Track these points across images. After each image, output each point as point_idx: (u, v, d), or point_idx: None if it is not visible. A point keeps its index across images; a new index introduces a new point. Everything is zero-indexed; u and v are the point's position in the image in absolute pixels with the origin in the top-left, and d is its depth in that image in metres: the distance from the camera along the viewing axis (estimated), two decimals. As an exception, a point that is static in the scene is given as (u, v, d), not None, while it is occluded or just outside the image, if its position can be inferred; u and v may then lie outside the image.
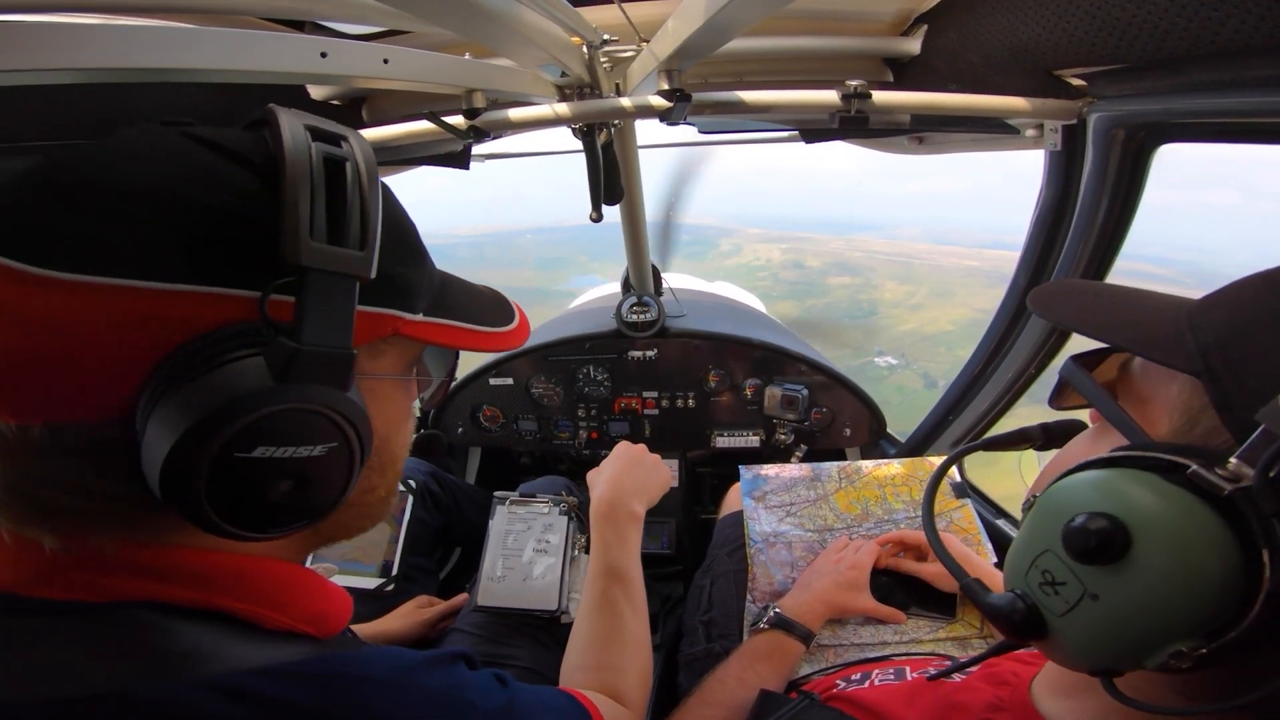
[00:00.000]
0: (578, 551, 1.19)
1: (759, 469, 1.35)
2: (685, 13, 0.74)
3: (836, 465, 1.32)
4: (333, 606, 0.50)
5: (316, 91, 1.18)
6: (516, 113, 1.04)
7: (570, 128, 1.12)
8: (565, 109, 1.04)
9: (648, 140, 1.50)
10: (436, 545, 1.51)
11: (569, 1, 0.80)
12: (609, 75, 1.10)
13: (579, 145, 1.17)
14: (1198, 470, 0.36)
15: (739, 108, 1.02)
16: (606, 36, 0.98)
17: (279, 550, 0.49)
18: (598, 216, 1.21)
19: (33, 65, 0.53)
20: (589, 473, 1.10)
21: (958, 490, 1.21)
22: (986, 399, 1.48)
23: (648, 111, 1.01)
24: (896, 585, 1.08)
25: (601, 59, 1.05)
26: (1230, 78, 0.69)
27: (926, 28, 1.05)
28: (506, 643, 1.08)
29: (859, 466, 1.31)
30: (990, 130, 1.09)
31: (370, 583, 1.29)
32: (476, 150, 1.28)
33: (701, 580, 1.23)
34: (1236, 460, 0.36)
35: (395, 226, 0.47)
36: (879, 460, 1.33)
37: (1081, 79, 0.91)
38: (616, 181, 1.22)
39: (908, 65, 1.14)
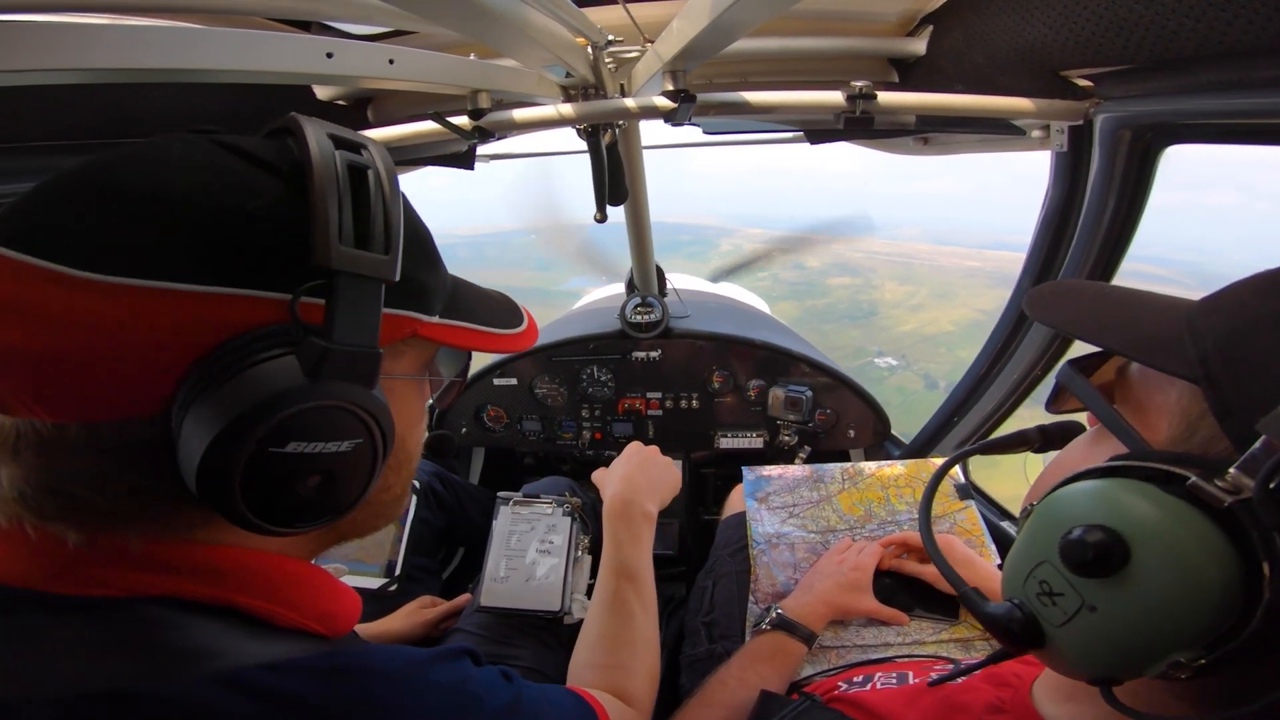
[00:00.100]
0: (581, 552, 1.19)
1: (762, 470, 1.34)
2: (690, 13, 0.75)
3: (839, 466, 1.32)
4: (342, 606, 0.50)
5: (322, 92, 1.19)
6: (521, 113, 1.05)
7: (575, 128, 1.12)
8: (570, 110, 1.05)
9: (652, 141, 1.50)
10: (440, 545, 1.51)
11: (574, 2, 0.80)
12: (614, 76, 1.10)
13: (584, 146, 1.17)
14: (1197, 482, 0.36)
15: (744, 108, 1.01)
16: (611, 37, 0.98)
17: (293, 548, 0.50)
18: (602, 217, 1.21)
19: (42, 65, 0.53)
20: (596, 472, 1.09)
21: (961, 492, 1.20)
22: (991, 401, 1.47)
23: (652, 112, 1.01)
24: (899, 587, 1.08)
25: (606, 60, 1.05)
26: (1238, 78, 0.68)
27: (932, 28, 1.05)
28: (509, 643, 1.08)
29: (862, 468, 1.31)
30: (996, 131, 1.09)
31: (373, 583, 1.29)
32: (481, 151, 1.29)
33: (704, 581, 1.23)
34: (1236, 471, 0.35)
35: (412, 232, 0.48)
36: (882, 461, 1.33)
37: (1088, 80, 0.90)
38: (621, 182, 1.23)
39: (913, 66, 1.14)
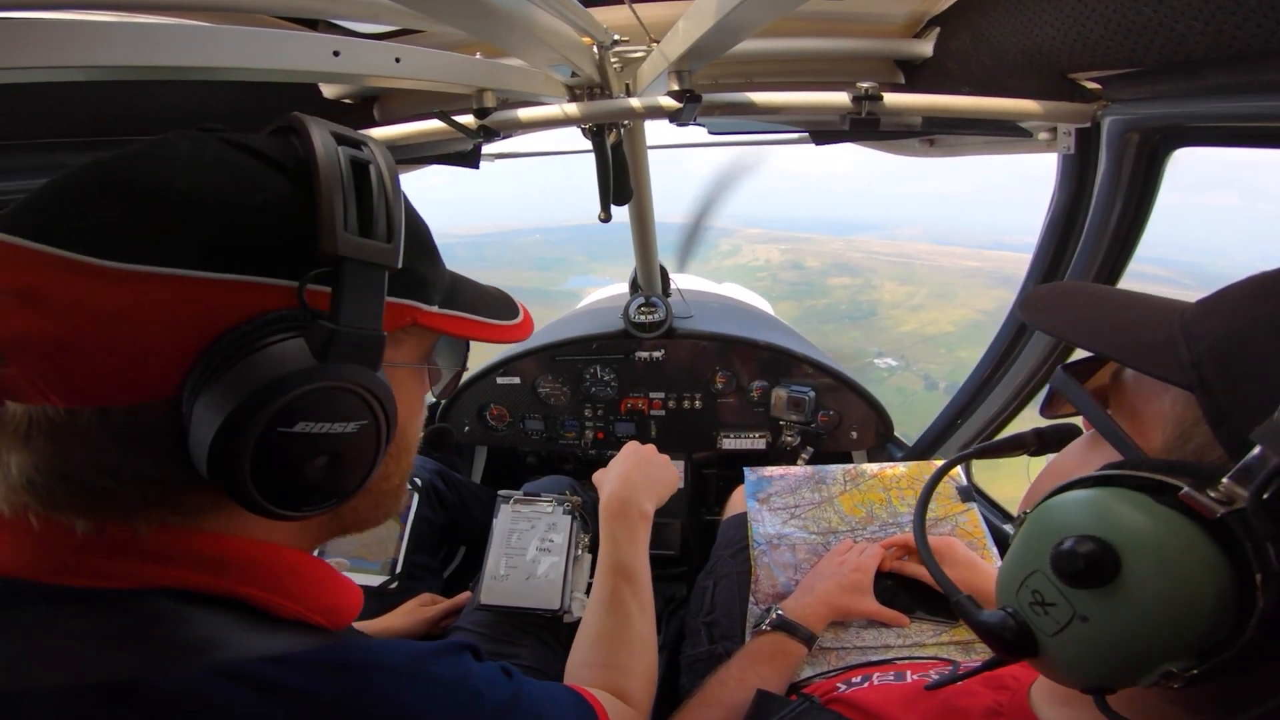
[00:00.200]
0: (581, 551, 1.19)
1: (763, 471, 1.34)
2: (696, 14, 0.74)
3: (841, 468, 1.31)
4: (344, 599, 0.51)
5: (329, 90, 1.19)
6: (526, 112, 1.05)
7: (580, 128, 1.12)
8: (575, 109, 1.05)
9: (657, 141, 1.50)
10: (441, 544, 1.51)
11: (580, 2, 0.80)
12: (619, 76, 1.10)
13: (588, 145, 1.17)
14: (1189, 492, 0.36)
15: (749, 109, 1.01)
16: (617, 37, 0.98)
17: (295, 539, 0.50)
18: (606, 217, 1.21)
19: (52, 63, 0.54)
20: (596, 473, 1.10)
21: (963, 494, 1.20)
22: (995, 403, 1.47)
23: (657, 112, 1.01)
24: (900, 588, 1.08)
25: (612, 59, 1.05)
26: (1247, 81, 0.68)
27: (939, 30, 1.05)
28: (509, 641, 1.08)
29: (864, 469, 1.31)
30: (1003, 133, 1.08)
31: (374, 580, 1.30)
32: (486, 150, 1.29)
33: (705, 581, 1.23)
34: (1229, 481, 0.35)
35: (412, 226, 0.49)
36: (884, 463, 1.33)
37: (1096, 82, 0.90)
38: (625, 182, 1.23)
39: (920, 67, 1.13)
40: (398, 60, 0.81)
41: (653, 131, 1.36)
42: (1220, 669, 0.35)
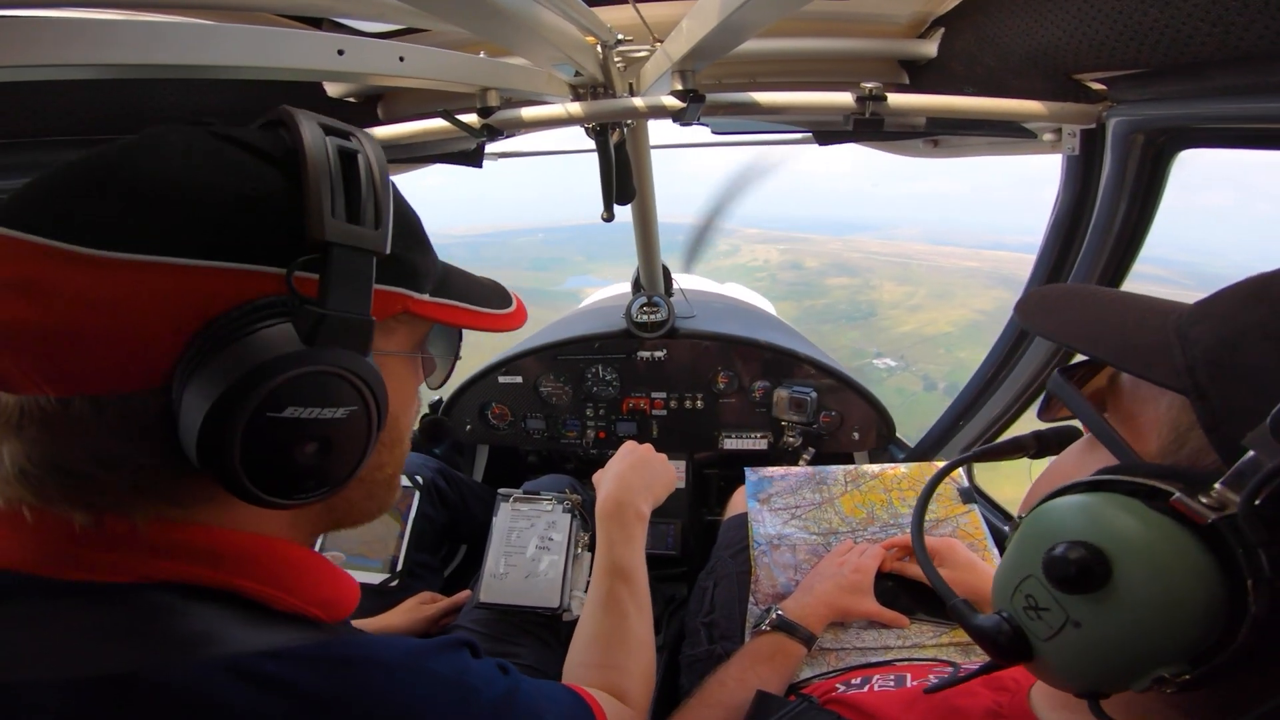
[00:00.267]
0: (581, 549, 1.19)
1: (764, 471, 1.34)
2: (699, 13, 0.74)
3: (842, 469, 1.31)
4: (341, 592, 0.51)
5: (333, 89, 1.19)
6: (530, 111, 1.05)
7: (583, 127, 1.12)
8: (578, 108, 1.05)
9: (660, 140, 1.50)
10: (442, 542, 1.51)
11: (584, 1, 0.80)
12: (623, 75, 1.10)
13: (591, 144, 1.17)
14: (1181, 498, 0.35)
15: (752, 109, 1.01)
16: (621, 36, 0.98)
17: (291, 531, 0.50)
18: (609, 216, 1.21)
19: (57, 61, 0.54)
20: (596, 474, 1.10)
21: (965, 496, 1.20)
22: (997, 405, 1.46)
23: (661, 112, 1.01)
24: (901, 589, 1.07)
25: (615, 59, 1.05)
26: (1254, 82, 0.67)
27: (943, 30, 1.04)
28: (509, 640, 1.08)
29: (865, 470, 1.30)
30: (1007, 134, 1.08)
31: (375, 578, 1.30)
32: (489, 149, 1.29)
33: (705, 582, 1.23)
34: (1222, 486, 0.34)
35: (401, 215, 0.50)
36: (885, 464, 1.32)
37: (1101, 83, 0.89)
38: (628, 181, 1.23)
39: (924, 68, 1.13)
40: (402, 59, 0.81)
41: (656, 131, 1.36)
42: (1213, 674, 0.35)
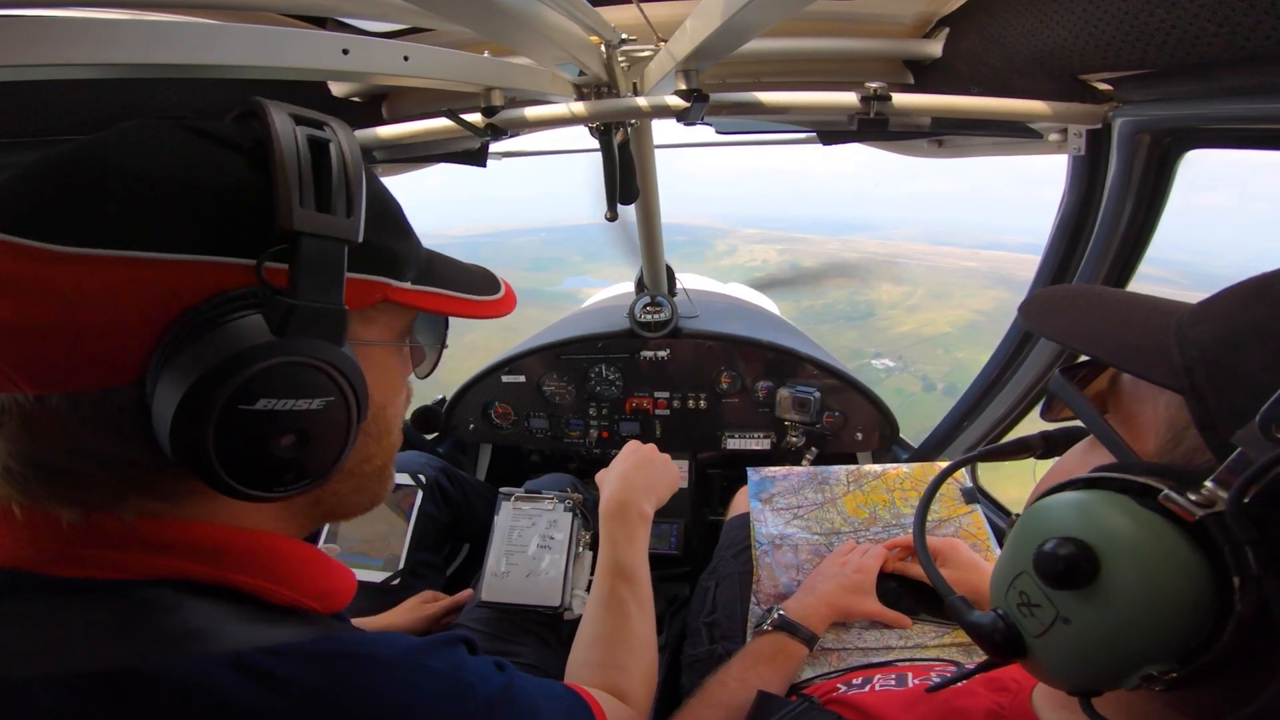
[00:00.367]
0: (582, 548, 1.19)
1: (766, 471, 1.34)
2: (703, 13, 0.74)
3: (844, 469, 1.31)
4: (336, 583, 0.51)
5: (338, 88, 1.20)
6: (534, 111, 1.05)
7: (587, 126, 1.12)
8: (582, 108, 1.05)
9: (664, 140, 1.50)
10: (445, 541, 1.52)
11: (588, 1, 0.80)
12: (626, 75, 1.10)
13: (595, 144, 1.17)
14: (1169, 494, 0.35)
15: (756, 109, 1.01)
16: (625, 36, 0.98)
17: (282, 524, 0.51)
18: (613, 216, 1.21)
19: (62, 60, 0.54)
20: (599, 473, 1.10)
21: (968, 496, 1.19)
22: (1002, 406, 1.46)
23: (665, 111, 1.01)
24: (904, 590, 1.07)
25: (619, 58, 1.05)
26: (1261, 83, 0.67)
27: (948, 30, 1.04)
28: (510, 639, 1.08)
29: (867, 470, 1.30)
30: (1012, 134, 1.07)
31: (377, 576, 1.30)
32: (493, 148, 1.29)
33: (706, 581, 1.23)
34: (1211, 484, 0.34)
35: (380, 203, 0.50)
36: (888, 464, 1.32)
37: (1107, 83, 0.89)
38: (632, 181, 1.22)
39: (929, 68, 1.13)
40: (406, 59, 0.82)
41: (660, 131, 1.36)
42: (1201, 673, 0.35)
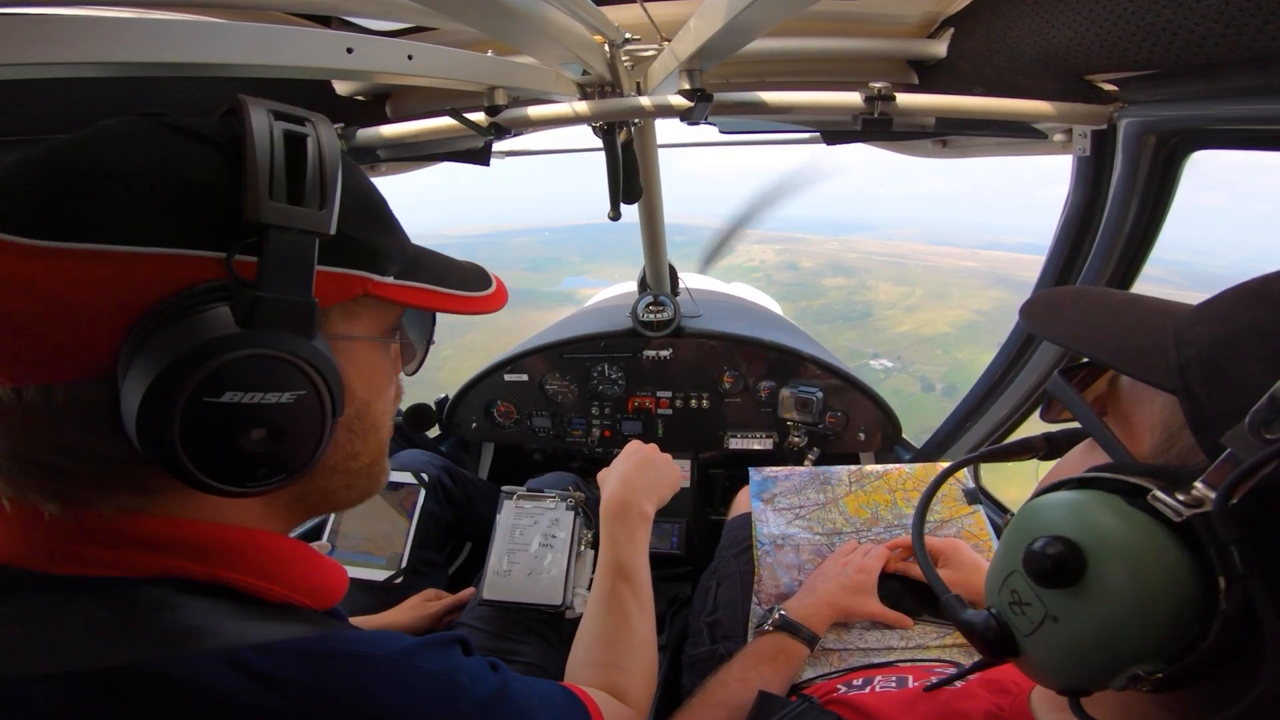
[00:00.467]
0: (584, 547, 1.19)
1: (768, 471, 1.34)
2: (707, 13, 0.74)
3: (846, 469, 1.31)
4: (327, 579, 0.52)
5: (342, 87, 1.20)
6: (537, 110, 1.05)
7: (590, 126, 1.12)
8: (586, 107, 1.05)
9: (667, 139, 1.50)
10: (447, 539, 1.52)
11: (592, 1, 0.80)
12: (630, 74, 1.10)
13: (599, 143, 1.17)
14: (1157, 494, 0.36)
15: (760, 108, 1.01)
16: (628, 35, 0.98)
17: (270, 522, 0.51)
18: (616, 215, 1.21)
19: (67, 59, 0.54)
20: (600, 472, 1.10)
21: (970, 496, 1.19)
22: (1005, 407, 1.46)
23: (668, 111, 1.01)
24: (905, 591, 1.07)
25: (623, 58, 1.05)
26: (1267, 83, 0.67)
27: (953, 30, 1.04)
28: (512, 638, 1.08)
29: (869, 470, 1.30)
30: (1017, 134, 1.07)
31: (379, 575, 1.30)
32: (497, 147, 1.29)
33: (708, 581, 1.23)
34: (1201, 484, 0.35)
35: (363, 197, 0.50)
36: (890, 464, 1.32)
37: (1113, 83, 0.89)
38: (635, 180, 1.22)
39: (933, 68, 1.12)
40: (410, 58, 0.82)
41: (663, 130, 1.36)
42: (1188, 673, 0.35)
